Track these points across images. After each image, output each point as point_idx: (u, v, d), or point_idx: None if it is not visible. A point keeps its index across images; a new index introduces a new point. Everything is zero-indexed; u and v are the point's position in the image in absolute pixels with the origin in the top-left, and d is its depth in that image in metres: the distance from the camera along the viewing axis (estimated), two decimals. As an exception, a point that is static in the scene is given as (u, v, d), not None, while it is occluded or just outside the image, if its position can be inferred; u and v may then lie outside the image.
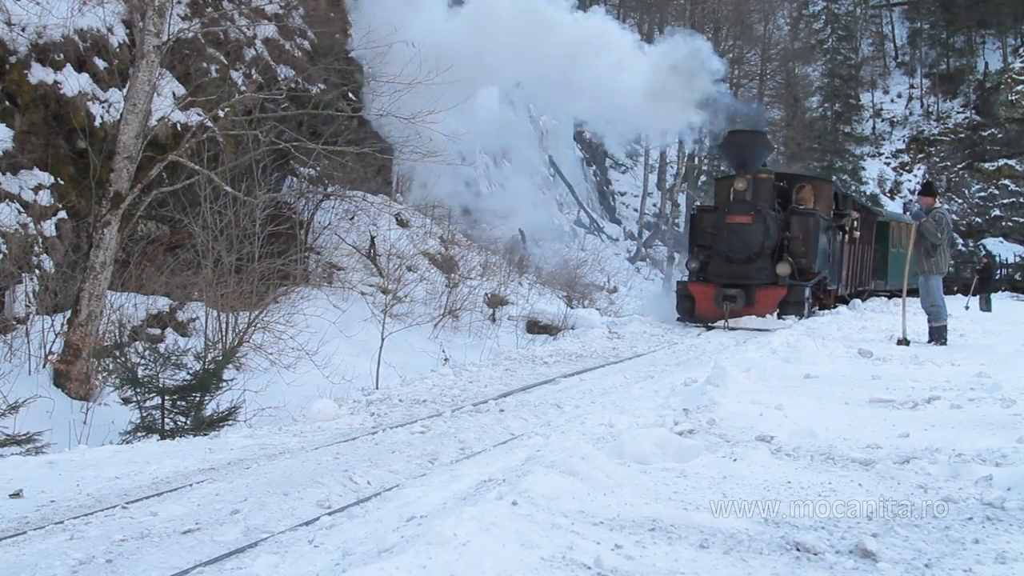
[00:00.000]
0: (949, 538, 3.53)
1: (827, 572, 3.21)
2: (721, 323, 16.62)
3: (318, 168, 17.43)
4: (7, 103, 11.94)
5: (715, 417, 5.64)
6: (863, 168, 60.02)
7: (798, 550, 3.39)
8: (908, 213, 13.45)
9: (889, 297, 24.88)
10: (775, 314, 16.67)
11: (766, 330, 15.21)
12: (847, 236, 21.38)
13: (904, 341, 11.26)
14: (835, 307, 20.34)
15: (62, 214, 12.20)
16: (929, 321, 11.83)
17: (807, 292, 17.51)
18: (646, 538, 3.51)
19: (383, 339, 13.48)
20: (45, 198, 11.94)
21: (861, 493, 4.17)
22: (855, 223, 22.05)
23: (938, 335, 11.59)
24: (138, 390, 9.29)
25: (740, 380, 6.95)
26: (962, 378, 7.66)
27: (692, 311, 17.48)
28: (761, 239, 17.31)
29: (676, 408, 6.28)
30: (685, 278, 18.60)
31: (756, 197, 17.67)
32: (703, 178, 45.10)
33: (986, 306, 22.85)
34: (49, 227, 11.95)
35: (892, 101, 66.76)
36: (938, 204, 12.08)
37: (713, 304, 16.93)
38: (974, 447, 4.92)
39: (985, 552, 3.36)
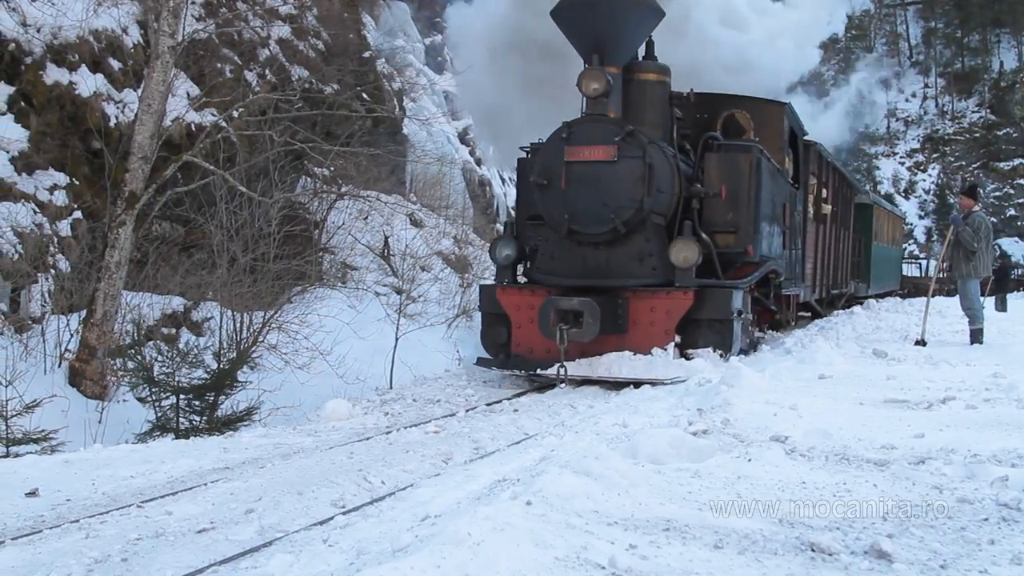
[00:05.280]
0: (965, 539, 3.51)
1: (842, 573, 3.20)
2: (556, 370, 9.04)
3: (332, 168, 17.48)
4: (23, 104, 12.01)
5: (729, 417, 5.63)
6: (877, 168, 59.91)
7: (813, 550, 3.38)
8: (952, 215, 12.97)
9: (903, 297, 24.51)
10: (671, 347, 9.20)
11: (651, 382, 8.63)
12: (815, 208, 13.95)
13: (921, 342, 11.19)
14: (793, 324, 13.68)
15: (77, 214, 12.28)
16: (969, 324, 11.80)
17: (739, 299, 9.64)
18: (660, 538, 3.51)
19: (397, 339, 13.53)
20: (60, 198, 12.01)
21: (876, 494, 4.15)
22: (824, 192, 14.77)
23: (975, 337, 11.59)
24: (153, 389, 9.35)
25: (754, 380, 6.94)
26: (977, 378, 7.63)
27: (507, 345, 9.89)
28: (638, 194, 9.35)
29: (690, 408, 6.27)
30: (492, 279, 11.02)
31: (629, 113, 9.82)
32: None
33: (1001, 306, 22.70)
34: (64, 227, 12.03)
35: (907, 100, 66.56)
36: (977, 207, 12.01)
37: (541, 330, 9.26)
38: (989, 448, 4.90)
39: (1001, 553, 3.34)
